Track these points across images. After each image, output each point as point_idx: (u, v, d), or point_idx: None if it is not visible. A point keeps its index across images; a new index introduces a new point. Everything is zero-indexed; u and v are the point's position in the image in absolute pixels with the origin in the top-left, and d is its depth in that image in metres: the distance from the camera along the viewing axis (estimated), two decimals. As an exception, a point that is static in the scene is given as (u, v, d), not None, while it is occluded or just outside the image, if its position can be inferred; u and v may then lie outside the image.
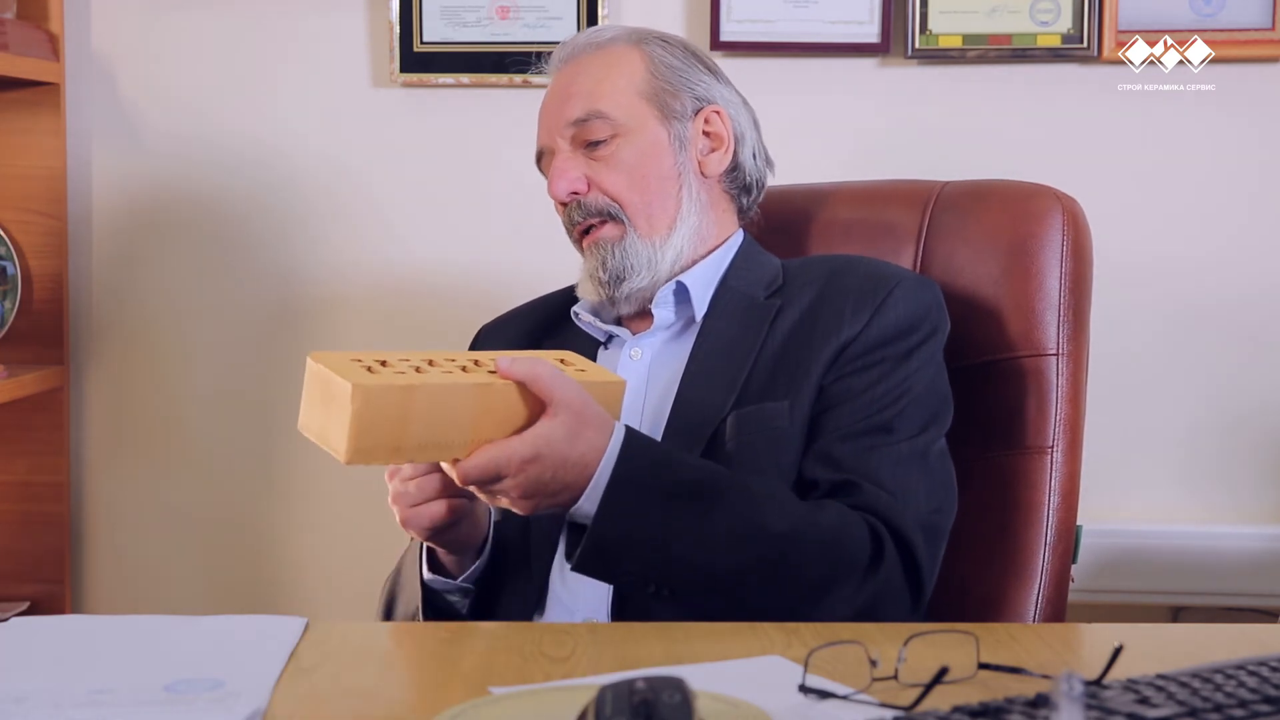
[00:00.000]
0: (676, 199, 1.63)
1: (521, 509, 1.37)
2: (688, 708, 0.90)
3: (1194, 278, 2.35)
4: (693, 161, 1.64)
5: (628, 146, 1.61)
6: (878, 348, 1.53)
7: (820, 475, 1.49)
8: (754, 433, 1.51)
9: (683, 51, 1.68)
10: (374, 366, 1.28)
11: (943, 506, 1.52)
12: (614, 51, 1.65)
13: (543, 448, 1.32)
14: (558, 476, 1.34)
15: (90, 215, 2.44)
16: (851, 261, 1.64)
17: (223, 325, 2.44)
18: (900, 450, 1.50)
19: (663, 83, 1.64)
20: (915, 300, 1.56)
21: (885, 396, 1.52)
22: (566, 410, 1.33)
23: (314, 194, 2.42)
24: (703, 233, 1.64)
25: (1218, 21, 2.29)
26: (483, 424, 1.31)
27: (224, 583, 2.47)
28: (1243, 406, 2.36)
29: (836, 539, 1.42)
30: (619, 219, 1.61)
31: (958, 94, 2.35)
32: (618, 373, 1.60)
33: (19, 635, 1.26)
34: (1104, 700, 0.96)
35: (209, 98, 2.42)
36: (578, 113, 1.62)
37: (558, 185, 1.62)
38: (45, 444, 2.41)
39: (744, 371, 1.55)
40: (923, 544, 1.46)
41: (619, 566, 1.39)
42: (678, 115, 1.64)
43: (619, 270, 1.60)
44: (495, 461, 1.32)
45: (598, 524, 1.36)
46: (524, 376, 1.32)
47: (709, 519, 1.39)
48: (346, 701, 1.12)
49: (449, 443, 1.31)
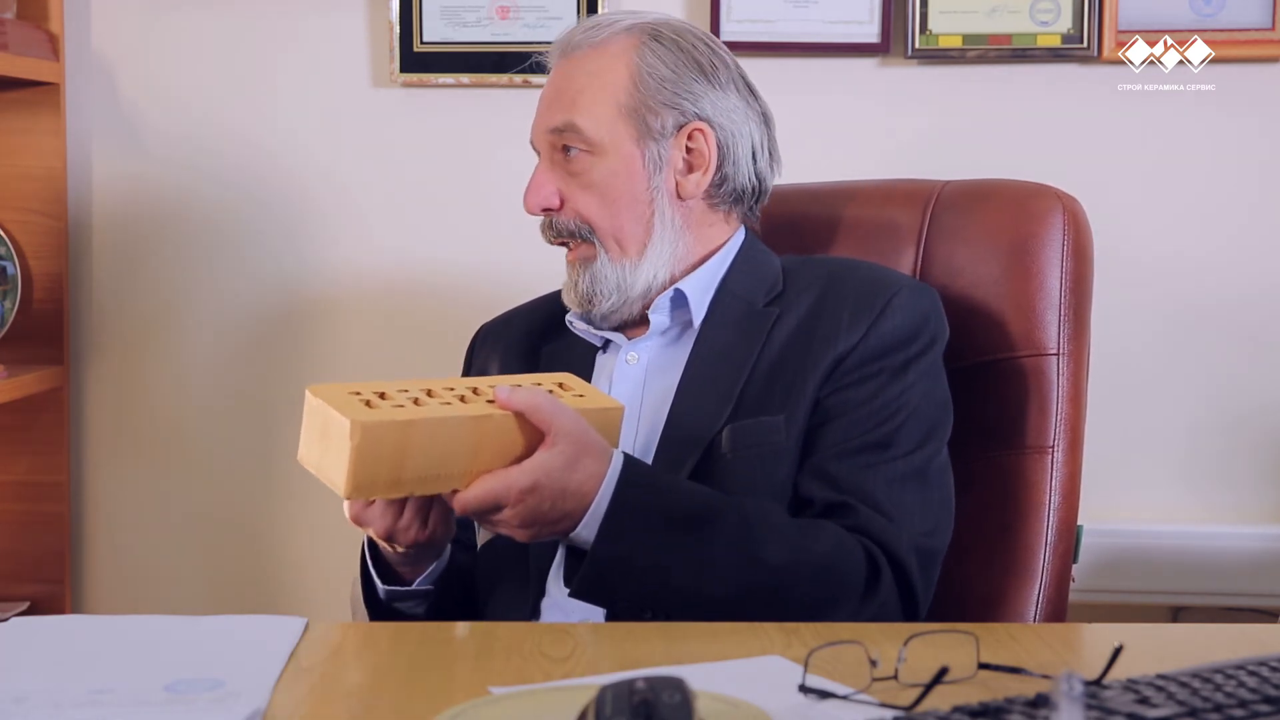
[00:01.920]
0: (647, 224, 1.58)
1: (520, 537, 1.37)
2: (688, 708, 0.90)
3: (1194, 277, 2.35)
4: (668, 183, 1.59)
5: (600, 166, 1.58)
6: (874, 359, 1.52)
7: (816, 494, 1.48)
8: (750, 446, 1.50)
9: (679, 55, 1.59)
10: (372, 400, 1.28)
11: (938, 528, 1.51)
12: (607, 53, 1.59)
13: (541, 478, 1.32)
14: (557, 505, 1.34)
15: (90, 215, 2.44)
16: (849, 267, 1.62)
17: (222, 325, 2.44)
18: (896, 468, 1.49)
19: (645, 97, 1.57)
20: (912, 310, 1.55)
21: (882, 411, 1.50)
22: (565, 439, 1.33)
23: (314, 194, 2.42)
24: (680, 254, 1.60)
25: (1218, 21, 2.29)
26: (481, 454, 1.31)
27: (224, 583, 2.47)
28: (1243, 406, 2.36)
29: (833, 565, 1.42)
30: (589, 240, 1.59)
31: (958, 94, 2.35)
32: (614, 378, 1.60)
33: (19, 635, 1.26)
34: (1104, 700, 0.96)
35: (209, 98, 2.42)
36: (556, 121, 1.58)
37: (530, 198, 1.60)
38: (45, 444, 2.40)
39: (740, 382, 1.53)
40: (917, 569, 1.46)
41: (616, 593, 1.39)
42: (656, 134, 1.58)
43: (588, 293, 1.59)
44: (494, 492, 1.32)
45: (596, 551, 1.36)
46: (523, 407, 1.32)
47: (706, 547, 1.39)
48: (346, 701, 1.12)
49: (448, 474, 1.31)
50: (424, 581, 1.52)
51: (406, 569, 1.52)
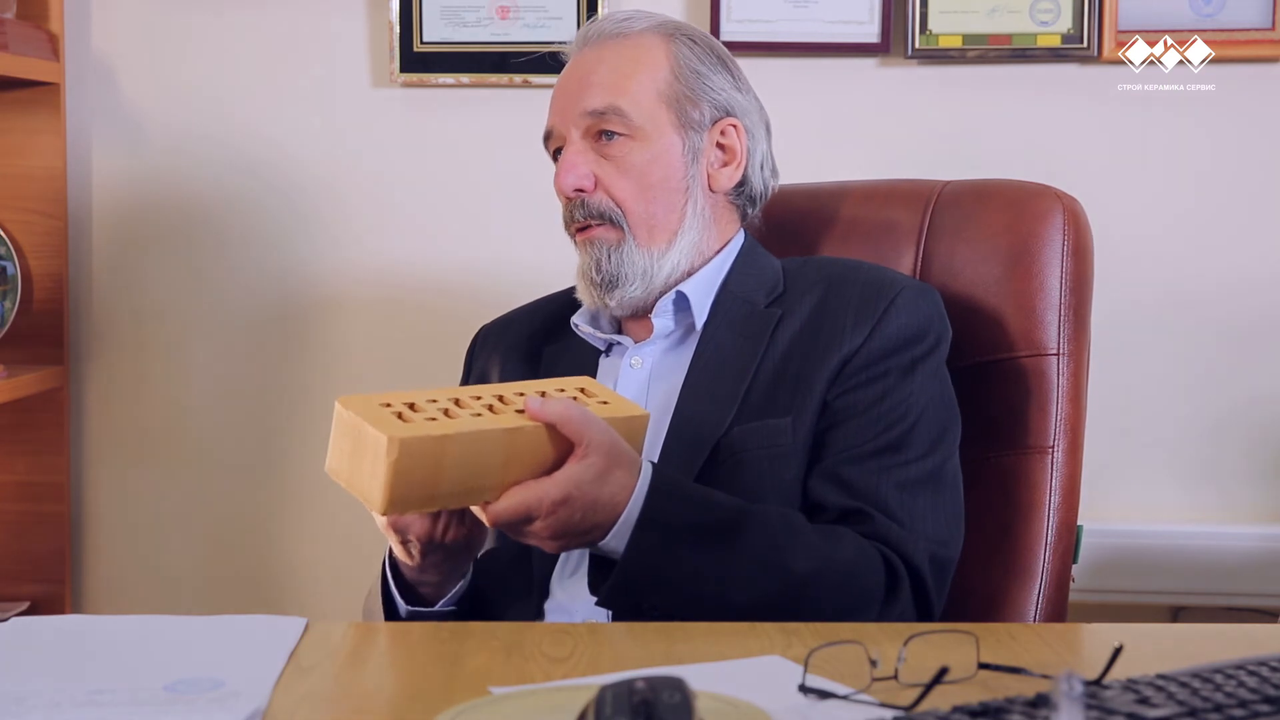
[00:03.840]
0: (680, 212, 1.59)
1: (550, 548, 1.37)
2: (688, 708, 0.90)
3: (1195, 277, 2.35)
4: (703, 174, 1.61)
5: (640, 151, 1.58)
6: (881, 359, 1.52)
7: (830, 499, 1.48)
8: (756, 448, 1.50)
9: (708, 53, 1.63)
10: (404, 412, 1.27)
11: (951, 538, 1.51)
12: (642, 44, 1.60)
13: (573, 490, 1.31)
14: (588, 517, 1.33)
15: (90, 215, 2.44)
16: (851, 269, 1.62)
17: (222, 325, 2.44)
18: (909, 472, 1.49)
19: (685, 88, 1.59)
20: (916, 310, 1.55)
21: (892, 413, 1.50)
22: (597, 452, 1.32)
23: (314, 194, 2.42)
24: (701, 246, 1.61)
25: (1218, 21, 2.30)
26: (512, 466, 1.30)
27: (224, 583, 2.47)
28: (1242, 406, 2.36)
29: (855, 574, 1.42)
30: (619, 225, 1.58)
31: (958, 94, 2.35)
32: (619, 382, 1.60)
33: (19, 635, 1.25)
34: (1104, 700, 0.96)
35: (209, 98, 2.42)
36: (597, 104, 1.57)
37: (565, 179, 1.58)
38: (45, 444, 2.40)
39: (744, 384, 1.53)
40: (932, 578, 1.46)
41: (644, 602, 1.38)
42: (695, 125, 1.60)
43: (612, 276, 1.58)
44: (526, 504, 1.31)
45: (625, 562, 1.35)
46: (555, 418, 1.31)
47: (734, 557, 1.38)
48: (346, 701, 1.12)
49: (481, 487, 1.30)
50: (448, 603, 1.50)
51: (429, 589, 1.49)
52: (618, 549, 1.36)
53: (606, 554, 1.38)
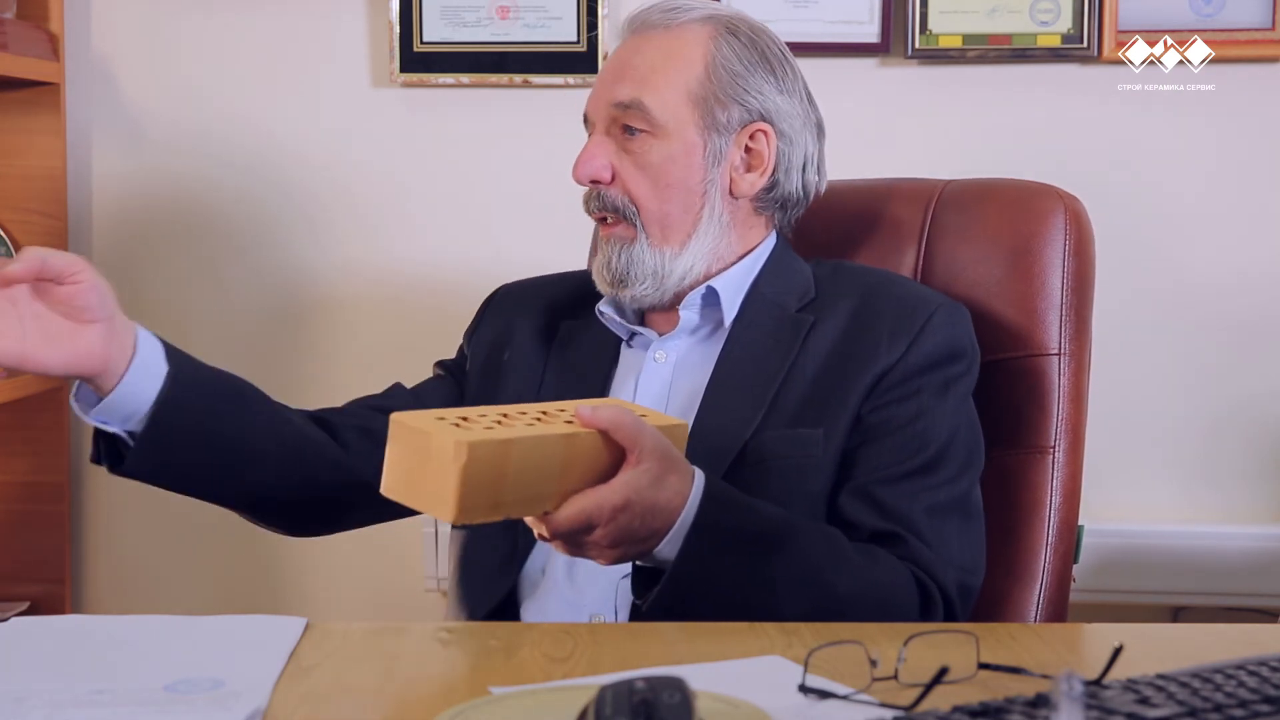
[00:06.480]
0: (696, 215, 1.57)
1: (607, 558, 1.34)
2: (688, 708, 0.90)
3: (1196, 277, 2.35)
4: (724, 179, 1.58)
5: (659, 148, 1.56)
6: (916, 376, 1.51)
7: (863, 519, 1.47)
8: (785, 457, 1.49)
9: (753, 53, 1.59)
10: (459, 422, 1.26)
11: (977, 566, 1.51)
12: (682, 38, 1.57)
13: (632, 495, 1.30)
14: (646, 523, 1.32)
15: (90, 215, 2.44)
16: (884, 281, 1.61)
17: (222, 325, 2.44)
18: (939, 496, 1.48)
19: (716, 88, 1.56)
20: (951, 330, 1.54)
21: (926, 433, 1.49)
22: (651, 457, 1.30)
23: (314, 194, 2.42)
24: (719, 251, 1.59)
25: (1218, 21, 2.30)
26: (569, 474, 1.29)
27: (224, 583, 2.47)
28: (1241, 406, 2.36)
29: (893, 596, 1.42)
30: (633, 221, 1.57)
31: (958, 94, 2.35)
32: (641, 375, 1.59)
33: (19, 635, 1.25)
34: (1104, 700, 0.96)
35: (209, 98, 2.42)
36: (623, 96, 1.56)
37: (581, 168, 1.57)
38: (45, 444, 2.40)
39: (773, 389, 1.52)
40: (959, 605, 1.46)
41: (692, 609, 1.36)
42: (721, 127, 1.57)
43: (622, 274, 1.57)
44: (586, 511, 1.29)
45: (677, 569, 1.34)
46: (606, 425, 1.29)
47: (781, 569, 1.37)
48: (346, 701, 1.12)
49: (541, 495, 1.29)
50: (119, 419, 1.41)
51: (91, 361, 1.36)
52: (669, 557, 1.34)
53: (656, 563, 1.36)
